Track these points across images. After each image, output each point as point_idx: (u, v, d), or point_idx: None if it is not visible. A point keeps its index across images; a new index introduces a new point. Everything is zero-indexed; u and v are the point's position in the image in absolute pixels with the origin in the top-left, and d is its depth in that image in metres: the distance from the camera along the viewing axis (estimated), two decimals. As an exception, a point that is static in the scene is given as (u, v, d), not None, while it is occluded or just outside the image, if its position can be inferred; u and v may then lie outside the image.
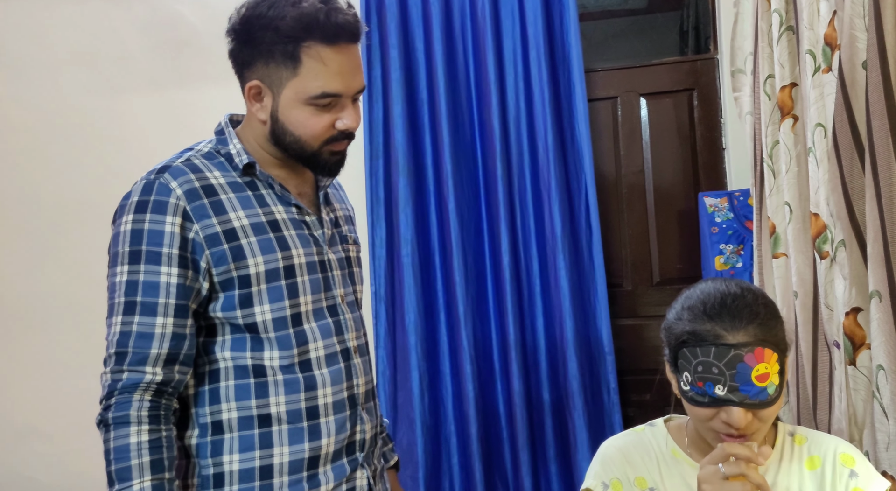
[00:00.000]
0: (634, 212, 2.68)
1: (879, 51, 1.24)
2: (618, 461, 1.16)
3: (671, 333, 1.07)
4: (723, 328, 1.00)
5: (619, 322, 2.59)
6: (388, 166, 2.55)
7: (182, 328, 1.10)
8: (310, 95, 1.11)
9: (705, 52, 2.78)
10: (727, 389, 0.99)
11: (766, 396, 1.00)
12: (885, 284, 1.26)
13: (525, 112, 2.50)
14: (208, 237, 1.10)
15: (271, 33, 1.09)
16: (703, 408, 1.03)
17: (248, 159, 1.16)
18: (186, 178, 1.12)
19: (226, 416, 1.13)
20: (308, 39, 1.09)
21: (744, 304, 1.02)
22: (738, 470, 0.95)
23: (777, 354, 1.01)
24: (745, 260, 2.22)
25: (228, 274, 1.11)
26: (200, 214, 1.10)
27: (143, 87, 2.74)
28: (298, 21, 1.08)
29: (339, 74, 1.11)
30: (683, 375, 1.04)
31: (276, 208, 1.17)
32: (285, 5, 1.09)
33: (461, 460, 2.45)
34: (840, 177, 1.39)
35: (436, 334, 2.52)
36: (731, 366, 0.99)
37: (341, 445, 1.18)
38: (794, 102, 1.70)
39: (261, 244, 1.13)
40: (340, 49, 1.11)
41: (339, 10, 1.11)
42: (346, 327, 1.22)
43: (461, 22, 2.55)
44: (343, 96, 1.13)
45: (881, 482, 1.08)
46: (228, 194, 1.14)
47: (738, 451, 0.96)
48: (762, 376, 0.99)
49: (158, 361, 1.08)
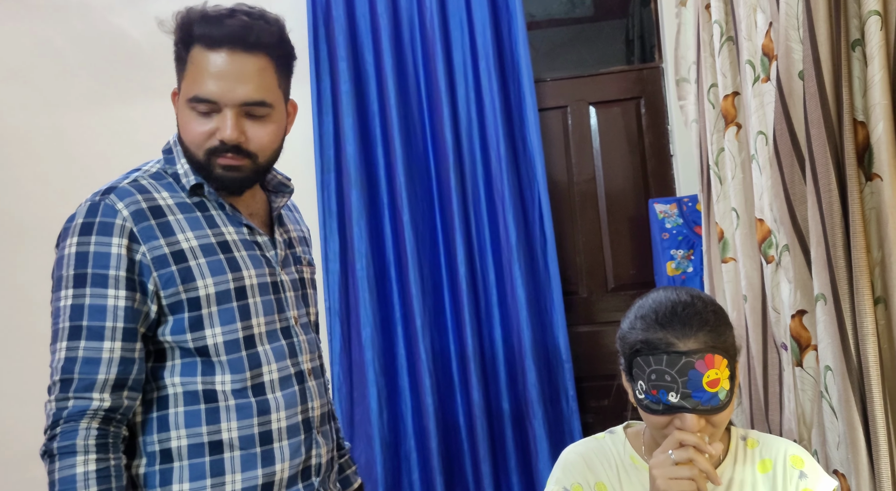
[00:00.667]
0: (587, 219, 2.71)
1: (814, 62, 1.28)
2: (579, 467, 1.17)
3: (625, 343, 1.10)
4: (674, 336, 1.03)
5: (575, 329, 2.61)
6: (340, 179, 2.53)
7: (130, 352, 1.07)
8: (187, 97, 1.10)
9: (651, 60, 2.84)
10: (680, 396, 1.02)
11: (718, 402, 1.03)
12: (828, 287, 1.30)
13: (477, 122, 2.51)
14: (155, 259, 1.07)
15: (176, 37, 1.12)
16: (658, 415, 1.06)
17: (195, 180, 1.14)
18: (133, 199, 1.09)
19: (175, 443, 1.10)
20: (194, 42, 1.10)
21: (694, 312, 1.05)
22: (686, 455, 0.99)
23: (727, 359, 1.04)
24: (696, 265, 2.27)
25: (177, 296, 1.08)
26: (147, 236, 1.08)
27: (84, 103, 2.66)
28: (188, 23, 1.10)
29: (215, 79, 1.08)
30: (638, 383, 1.07)
31: (227, 229, 1.15)
32: (196, 11, 1.11)
33: (422, 476, 2.43)
34: (782, 183, 1.43)
35: (393, 349, 2.50)
36: (682, 373, 1.02)
37: (296, 470, 1.15)
38: (737, 111, 1.74)
39: (210, 266, 1.10)
40: (222, 55, 1.08)
41: (236, 17, 1.09)
42: (301, 350, 1.20)
43: (410, 33, 2.55)
44: (220, 104, 1.09)
45: (829, 481, 1.12)
46: (177, 215, 1.11)
47: (687, 438, 1.01)
48: (713, 382, 1.02)
49: (106, 387, 1.04)
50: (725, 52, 1.75)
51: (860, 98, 1.27)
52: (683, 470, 0.99)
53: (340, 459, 1.41)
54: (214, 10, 1.10)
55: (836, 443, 1.34)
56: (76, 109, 2.66)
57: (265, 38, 1.10)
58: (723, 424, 1.06)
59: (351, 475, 1.42)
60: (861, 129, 1.27)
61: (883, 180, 1.22)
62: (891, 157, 1.21)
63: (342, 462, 1.41)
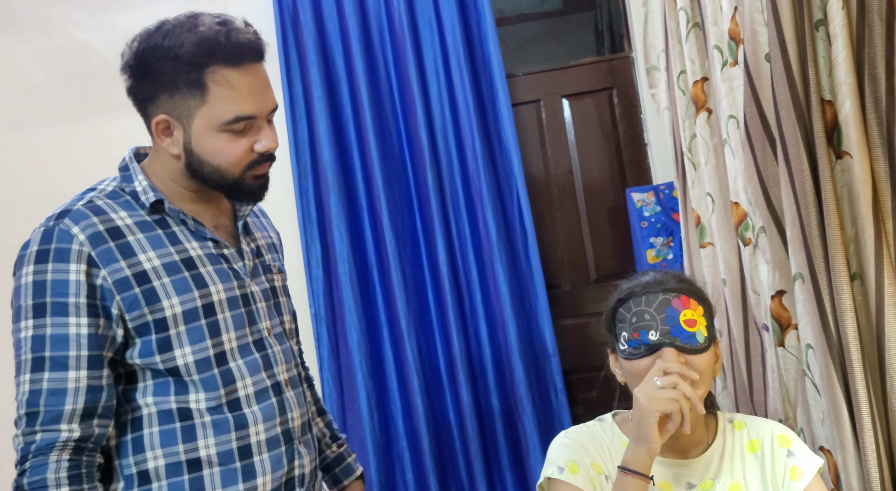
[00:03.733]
0: (566, 212, 2.72)
1: (780, 43, 1.29)
2: (575, 446, 1.18)
3: (609, 306, 1.18)
4: (652, 281, 1.14)
5: (560, 322, 2.61)
6: (318, 185, 2.52)
7: (98, 380, 1.04)
8: (223, 121, 1.07)
9: (620, 51, 2.85)
10: (659, 334, 1.09)
11: (696, 343, 1.09)
12: (805, 266, 1.31)
13: (451, 120, 2.51)
14: (117, 282, 1.04)
15: (171, 63, 1.04)
16: (641, 359, 1.10)
17: (154, 197, 1.10)
18: (89, 221, 1.05)
19: (152, 464, 1.08)
20: (212, 64, 1.05)
21: (670, 275, 1.17)
22: (671, 381, 1.04)
23: (702, 307, 1.12)
24: (676, 251, 2.28)
25: (143, 319, 1.05)
26: (107, 259, 1.04)
27: (51, 121, 2.62)
28: (199, 46, 1.04)
29: (251, 96, 1.07)
30: (622, 337, 1.12)
31: (191, 245, 1.12)
32: (181, 32, 1.04)
33: (416, 476, 2.43)
34: (755, 166, 1.44)
35: (380, 351, 2.49)
36: (660, 310, 1.09)
37: (279, 482, 1.14)
38: (707, 96, 1.75)
39: (175, 284, 1.07)
40: (247, 70, 1.07)
41: (238, 30, 1.07)
42: (276, 361, 1.17)
43: (379, 35, 2.54)
44: (258, 118, 1.09)
45: (815, 459, 1.14)
46: (136, 235, 1.08)
47: (670, 366, 1.06)
48: (690, 321, 1.09)
49: (74, 418, 1.02)
50: (693, 38, 1.76)
51: (826, 77, 1.28)
52: (667, 391, 1.03)
53: (340, 449, 1.40)
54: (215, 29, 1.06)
55: (821, 420, 1.36)
56: (43, 127, 2.62)
57: (262, 41, 1.11)
58: (704, 371, 1.09)
59: (352, 463, 1.41)
60: (829, 108, 1.28)
61: (852, 157, 1.24)
62: (859, 134, 1.23)
63: (342, 451, 1.40)
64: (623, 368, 1.14)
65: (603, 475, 1.15)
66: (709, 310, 1.14)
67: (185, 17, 1.08)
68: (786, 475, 1.12)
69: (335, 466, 1.39)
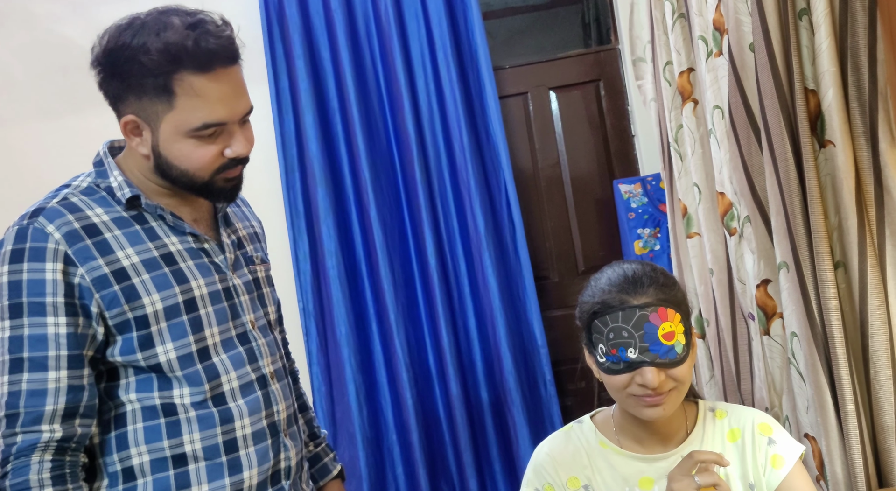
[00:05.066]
0: (554, 204, 2.72)
1: (763, 33, 1.29)
2: (548, 467, 1.19)
3: (583, 311, 1.14)
4: (627, 294, 1.08)
5: (549, 314, 2.62)
6: (305, 178, 2.51)
7: (78, 379, 1.02)
8: (191, 128, 1.03)
9: (607, 43, 2.86)
10: (638, 351, 1.06)
11: (675, 355, 1.06)
12: (790, 255, 1.32)
13: (438, 113, 2.50)
14: (96, 280, 1.02)
15: (138, 66, 1.00)
16: (620, 375, 1.08)
17: (130, 192, 1.08)
18: (64, 219, 1.03)
19: (137, 461, 1.07)
20: (179, 70, 1.00)
21: (643, 273, 1.11)
22: (711, 480, 1.00)
23: (679, 314, 1.08)
24: (663, 242, 2.29)
25: (123, 316, 1.04)
26: (84, 257, 1.02)
27: (35, 116, 2.59)
28: (165, 53, 0.99)
29: (220, 102, 1.03)
30: (598, 347, 1.10)
31: (170, 240, 1.10)
32: (149, 35, 1.00)
33: (406, 469, 2.43)
34: (740, 156, 1.44)
35: (369, 345, 2.49)
36: (638, 327, 1.06)
37: (265, 475, 1.13)
38: (693, 86, 1.75)
39: (155, 281, 1.06)
40: (216, 75, 1.03)
41: (209, 33, 1.02)
42: (260, 354, 1.16)
43: (366, 28, 2.53)
44: (229, 123, 1.06)
45: (797, 446, 1.14)
46: (114, 232, 1.06)
47: (706, 457, 1.02)
48: (668, 335, 1.06)
49: (55, 418, 1.01)
50: (678, 29, 1.76)
51: (809, 66, 1.29)
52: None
53: (317, 448, 1.38)
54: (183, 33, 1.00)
55: (806, 407, 1.37)
56: (26, 123, 2.59)
57: (235, 44, 1.05)
58: (683, 379, 1.08)
59: (329, 463, 1.39)
60: (812, 96, 1.29)
61: (836, 146, 1.25)
62: (842, 123, 1.24)
63: (318, 450, 1.38)
64: (601, 377, 1.13)
65: (581, 486, 1.16)
66: (686, 311, 1.11)
67: (157, 14, 1.03)
68: (767, 463, 1.12)
69: (311, 466, 1.37)
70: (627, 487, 1.15)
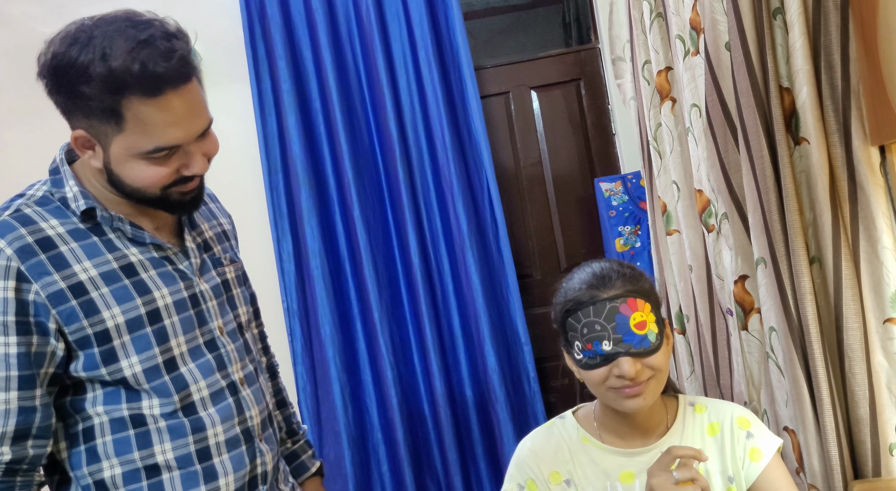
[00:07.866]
0: (536, 202, 2.74)
1: (739, 32, 1.31)
2: (530, 462, 1.20)
3: (557, 312, 1.16)
4: (596, 290, 1.11)
5: (532, 311, 2.64)
6: (289, 179, 2.51)
7: (30, 400, 0.99)
8: (142, 151, 0.98)
9: (587, 42, 2.88)
10: (612, 343, 1.08)
11: (649, 344, 1.09)
12: (767, 251, 1.34)
13: (420, 113, 2.51)
14: (52, 296, 0.98)
15: (84, 87, 0.94)
16: (597, 369, 1.10)
17: (85, 204, 1.03)
18: (16, 234, 0.98)
19: (108, 473, 1.04)
20: (127, 95, 0.94)
21: (610, 269, 1.15)
22: (689, 474, 1.01)
23: (649, 304, 1.11)
24: (643, 239, 2.31)
25: (83, 332, 1.00)
26: (38, 272, 0.98)
27: (19, 117, 2.57)
28: (108, 82, 0.93)
29: (172, 126, 0.98)
30: (575, 345, 1.12)
31: (130, 251, 1.05)
32: (95, 53, 0.93)
33: (391, 468, 2.44)
34: (717, 153, 1.47)
35: (354, 344, 2.49)
36: (610, 319, 1.09)
37: (242, 481, 1.11)
38: (671, 85, 1.78)
39: (115, 294, 1.02)
40: (168, 99, 0.96)
41: (159, 53, 0.94)
42: (229, 360, 1.13)
43: (347, 28, 2.53)
44: (184, 144, 1.00)
45: (775, 440, 1.16)
46: (70, 244, 1.01)
47: (684, 452, 1.03)
48: (640, 324, 1.09)
49: (5, 440, 0.97)
50: (656, 28, 1.78)
51: (784, 65, 1.31)
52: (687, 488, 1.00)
53: (294, 445, 1.36)
54: (129, 57, 0.93)
55: (785, 401, 1.39)
56: (10, 124, 2.57)
57: (191, 59, 0.99)
58: (660, 367, 1.10)
59: (306, 460, 1.37)
60: (787, 95, 1.31)
61: (810, 143, 1.27)
62: (816, 120, 1.26)
63: (296, 448, 1.36)
64: (581, 375, 1.15)
65: (563, 481, 1.17)
66: (655, 301, 1.13)
67: (105, 26, 0.96)
68: (745, 456, 1.14)
69: (288, 463, 1.35)
70: (609, 481, 1.16)
